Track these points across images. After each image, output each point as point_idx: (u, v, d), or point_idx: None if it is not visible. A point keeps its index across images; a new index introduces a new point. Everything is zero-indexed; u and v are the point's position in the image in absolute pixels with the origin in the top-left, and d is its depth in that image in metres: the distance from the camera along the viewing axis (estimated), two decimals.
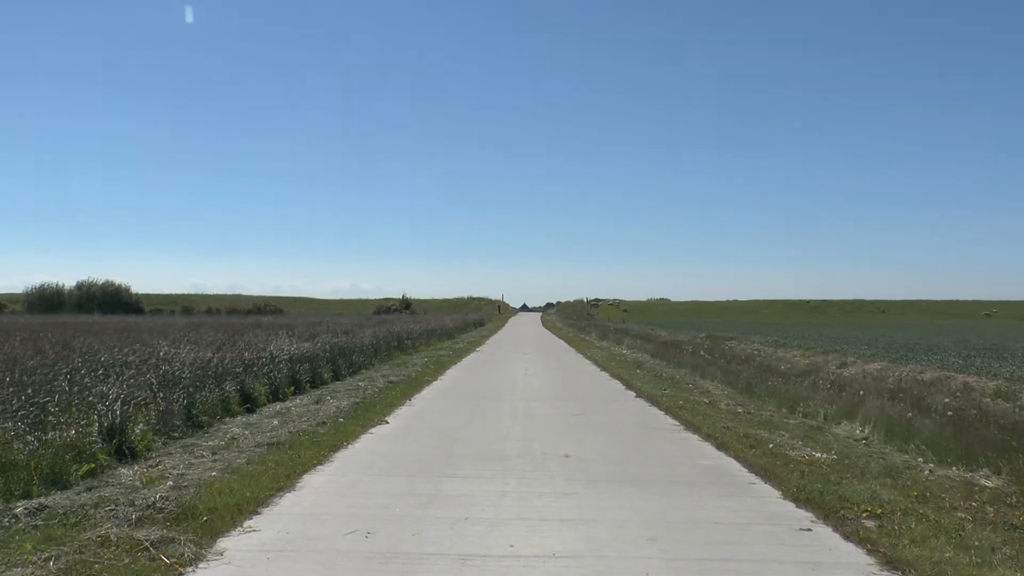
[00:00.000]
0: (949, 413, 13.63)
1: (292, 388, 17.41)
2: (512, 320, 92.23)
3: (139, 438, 10.89)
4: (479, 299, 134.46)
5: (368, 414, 14.31)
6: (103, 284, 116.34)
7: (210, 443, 11.50)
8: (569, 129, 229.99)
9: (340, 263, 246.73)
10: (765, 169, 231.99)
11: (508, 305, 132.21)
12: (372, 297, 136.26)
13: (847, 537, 7.50)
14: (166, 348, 17.82)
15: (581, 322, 75.71)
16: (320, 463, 10.37)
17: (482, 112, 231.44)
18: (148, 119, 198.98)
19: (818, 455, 11.11)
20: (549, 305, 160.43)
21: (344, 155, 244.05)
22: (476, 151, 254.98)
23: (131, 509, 7.93)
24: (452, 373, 23.36)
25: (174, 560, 6.65)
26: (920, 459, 11.01)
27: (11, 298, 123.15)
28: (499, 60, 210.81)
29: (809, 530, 7.72)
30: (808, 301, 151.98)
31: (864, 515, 8.12)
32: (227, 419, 13.58)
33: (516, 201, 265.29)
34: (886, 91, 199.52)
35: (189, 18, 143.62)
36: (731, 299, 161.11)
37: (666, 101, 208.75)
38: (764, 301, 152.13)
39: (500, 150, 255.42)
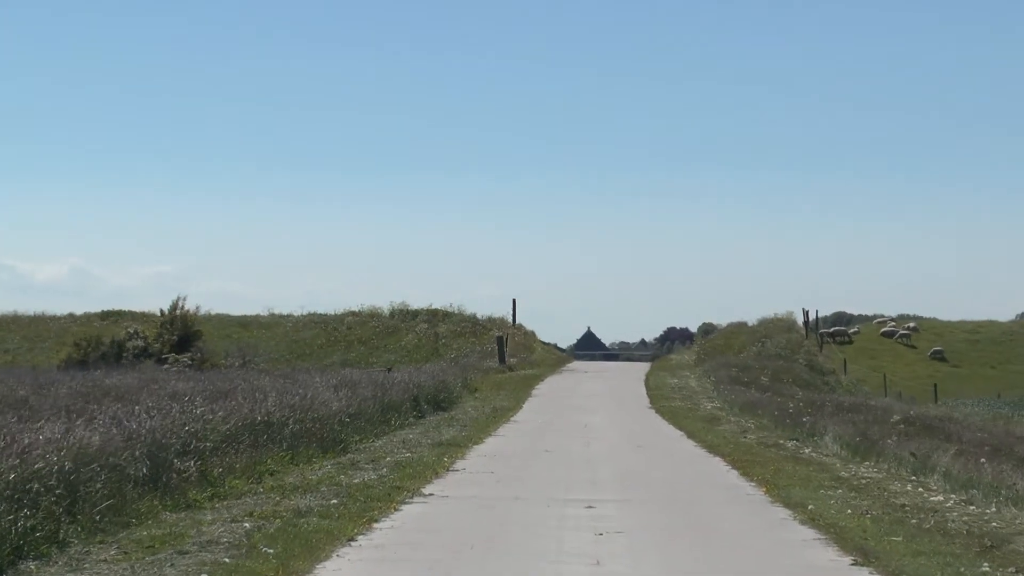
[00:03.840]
0: None
1: None
2: (547, 388, 39.81)
3: None
4: (438, 315, 62.12)
5: None
6: None
7: None
8: None
9: None
10: None
11: (534, 337, 62.50)
12: (58, 311, 62.46)
13: None
14: None
15: (785, 396, 34.07)
16: None
17: None
18: None
19: None
20: (673, 338, 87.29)
21: None
22: None
23: None
24: None
25: None
26: None
27: None
28: None
29: None
30: None
31: None
32: None
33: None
34: None
35: None
36: None
37: None
38: None
39: None
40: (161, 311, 50.84)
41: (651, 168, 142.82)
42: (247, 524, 12.96)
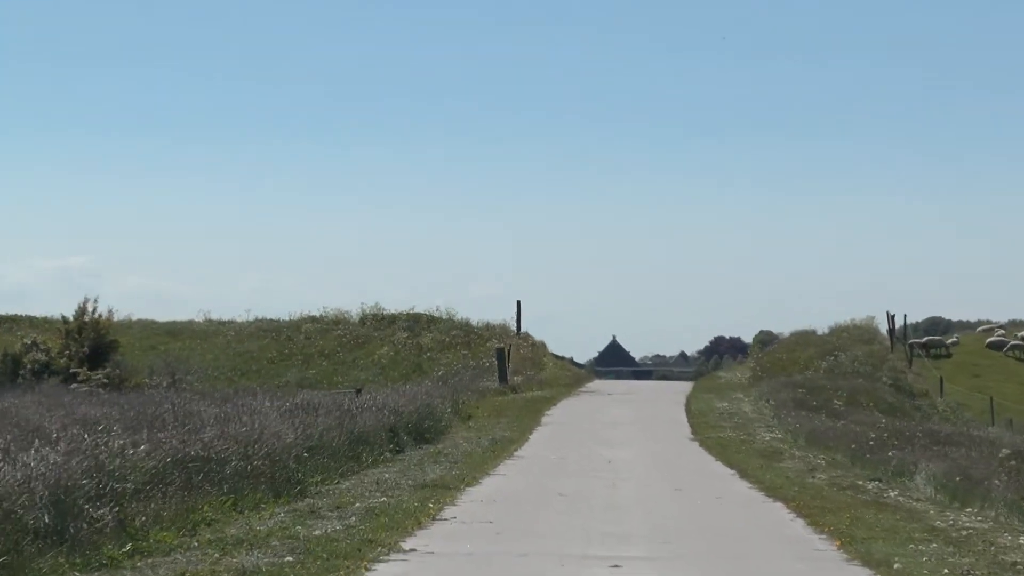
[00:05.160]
0: None
1: None
2: (561, 414, 37.05)
3: None
4: (421, 321, 56.02)
5: None
6: None
7: None
8: None
9: None
10: None
11: (543, 350, 56.35)
12: None
13: None
14: None
15: (864, 424, 32.07)
16: None
17: None
18: None
19: None
20: (721, 351, 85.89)
21: None
22: None
23: None
24: None
25: None
26: None
27: None
28: None
29: None
30: None
31: None
32: None
33: None
34: None
35: None
36: None
37: None
38: None
39: None
40: (65, 317, 45.96)
41: (691, 141, 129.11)
42: None
